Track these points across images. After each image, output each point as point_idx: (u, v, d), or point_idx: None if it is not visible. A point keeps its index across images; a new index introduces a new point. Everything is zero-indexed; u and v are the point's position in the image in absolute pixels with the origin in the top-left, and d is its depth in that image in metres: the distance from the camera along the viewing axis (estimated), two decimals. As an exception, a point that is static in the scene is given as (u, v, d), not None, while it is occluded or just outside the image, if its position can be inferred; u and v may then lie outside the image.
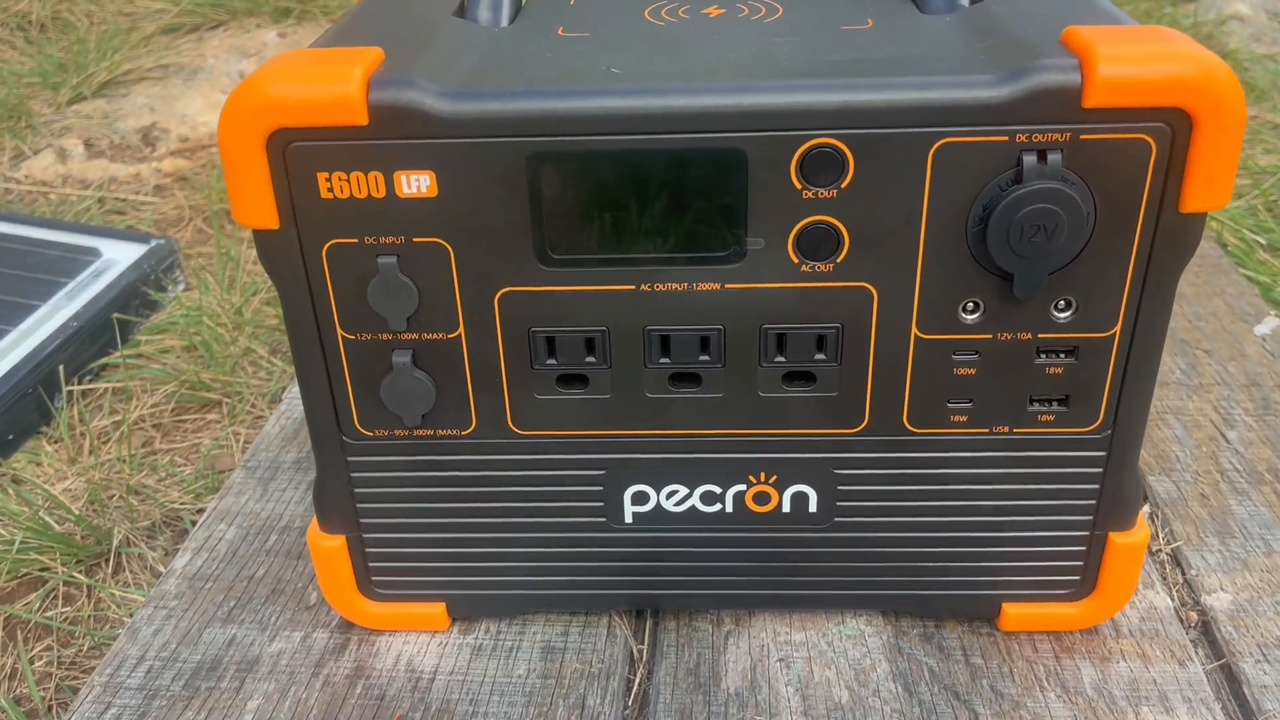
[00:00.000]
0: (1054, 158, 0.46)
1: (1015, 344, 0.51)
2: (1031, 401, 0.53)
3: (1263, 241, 1.11)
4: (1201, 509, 0.70)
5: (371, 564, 0.60)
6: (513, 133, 0.47)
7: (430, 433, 0.55)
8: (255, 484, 0.76)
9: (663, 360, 0.53)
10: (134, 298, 0.99)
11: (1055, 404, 0.53)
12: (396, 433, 0.55)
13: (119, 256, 1.03)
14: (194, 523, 0.79)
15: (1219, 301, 0.95)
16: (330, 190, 0.49)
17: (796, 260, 0.49)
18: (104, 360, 0.95)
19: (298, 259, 0.50)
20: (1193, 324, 0.91)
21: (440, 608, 0.61)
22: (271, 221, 0.49)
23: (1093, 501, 0.56)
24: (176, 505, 0.80)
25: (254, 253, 1.17)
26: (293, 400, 0.86)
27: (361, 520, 0.58)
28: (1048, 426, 0.54)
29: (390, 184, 0.48)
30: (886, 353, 0.52)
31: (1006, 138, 0.46)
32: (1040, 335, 0.51)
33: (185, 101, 1.61)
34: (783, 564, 0.59)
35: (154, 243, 1.05)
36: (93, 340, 0.94)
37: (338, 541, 0.59)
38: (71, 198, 1.32)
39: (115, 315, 0.96)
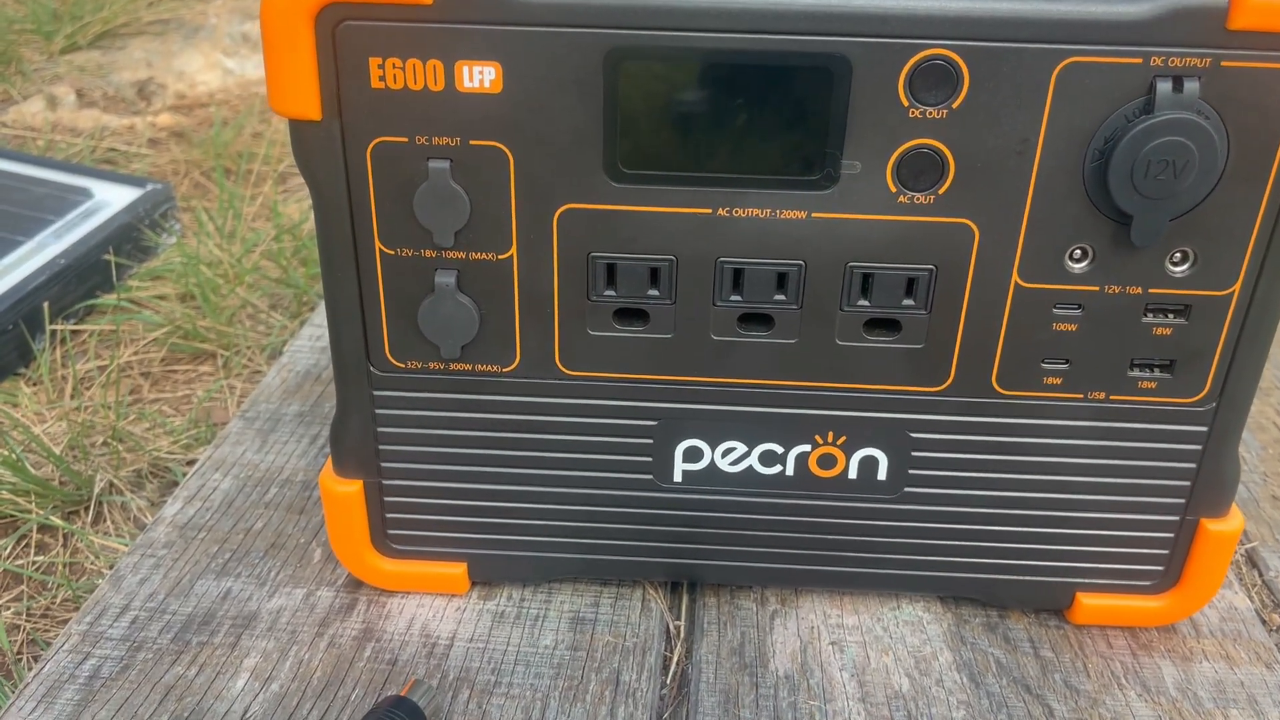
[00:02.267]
0: (1190, 85, 0.42)
1: (1123, 298, 0.47)
2: (1133, 366, 0.49)
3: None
4: (1275, 510, 0.66)
5: (389, 515, 0.55)
6: (592, 23, 0.42)
7: (469, 368, 0.50)
8: (254, 435, 0.71)
9: (734, 298, 0.48)
10: (127, 241, 0.93)
11: (1158, 370, 0.49)
12: (431, 365, 0.50)
13: (112, 198, 0.97)
14: (184, 474, 0.73)
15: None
16: (383, 79, 0.44)
17: (894, 189, 0.45)
18: (92, 302, 0.89)
19: (339, 157, 0.45)
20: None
21: (461, 569, 0.56)
22: (313, 111, 0.44)
23: (1188, 483, 0.52)
24: (165, 456, 0.74)
25: (255, 207, 1.11)
26: (295, 353, 0.81)
27: (383, 465, 0.53)
28: (1148, 395, 0.49)
29: (450, 75, 0.43)
30: (982, 302, 0.47)
31: (1140, 60, 0.42)
32: (1152, 290, 0.47)
33: (184, 59, 1.55)
34: (841, 537, 0.54)
35: (150, 186, 1.00)
36: (81, 281, 0.88)
37: (354, 487, 0.54)
38: (60, 144, 1.26)
39: (106, 257, 0.90)
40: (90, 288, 0.90)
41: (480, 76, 0.43)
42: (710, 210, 0.46)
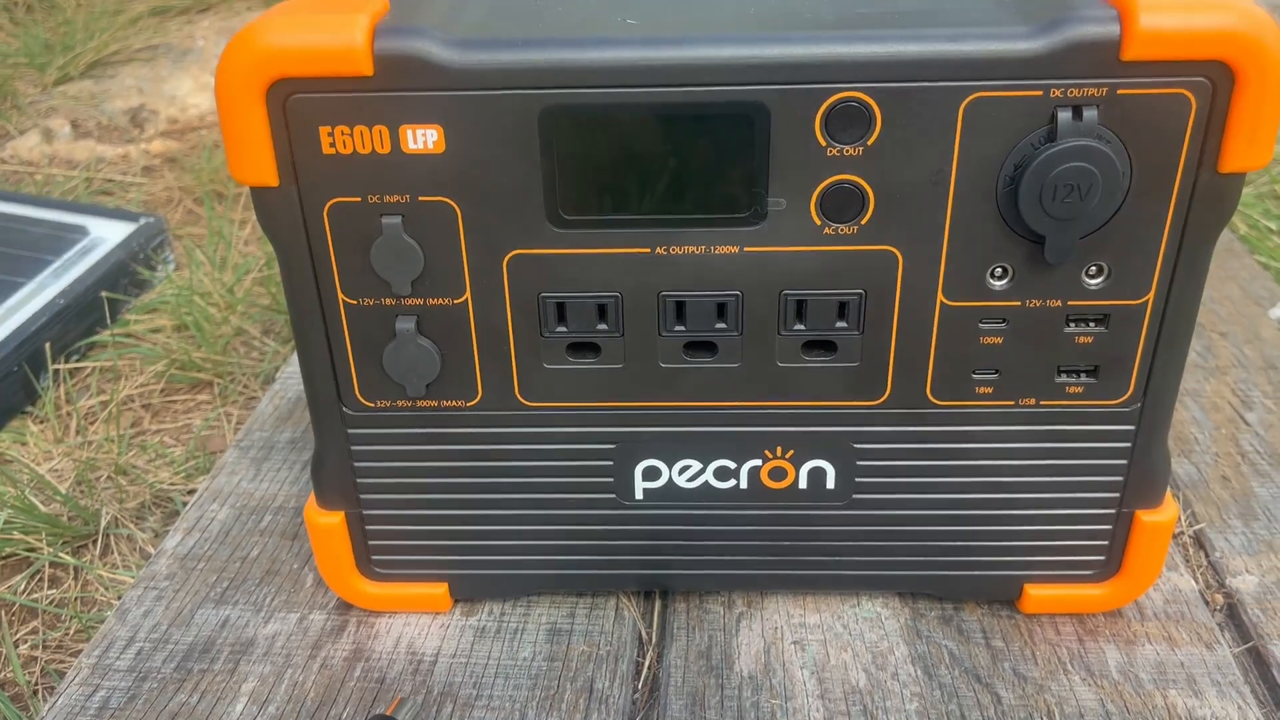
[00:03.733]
0: (1089, 114, 0.44)
1: (1044, 311, 0.50)
2: (1060, 372, 0.52)
3: (1274, 227, 1.10)
4: (1223, 491, 0.69)
5: (371, 542, 0.58)
6: (525, 85, 0.45)
7: (434, 404, 0.53)
8: (248, 463, 0.74)
9: (677, 328, 0.51)
10: (123, 276, 0.97)
11: (1084, 375, 0.52)
12: (399, 403, 0.53)
13: (107, 234, 1.00)
14: (184, 504, 0.77)
15: (1233, 286, 0.94)
16: (333, 145, 0.47)
17: (819, 222, 0.48)
18: (92, 339, 0.93)
19: (298, 218, 0.48)
20: (1208, 307, 0.90)
21: (442, 588, 0.59)
22: (270, 178, 0.47)
23: (1120, 478, 0.54)
24: (166, 486, 0.78)
25: (246, 232, 1.15)
26: (287, 380, 0.84)
27: (361, 496, 0.56)
28: (1076, 399, 0.52)
29: (396, 139, 0.46)
30: (911, 320, 0.50)
31: (1041, 92, 0.44)
32: (1070, 303, 0.49)
33: (174, 83, 1.58)
34: (798, 543, 0.57)
35: (143, 221, 1.03)
36: (80, 319, 0.91)
37: (336, 518, 0.57)
38: (57, 178, 1.29)
39: (104, 293, 0.94)
40: (90, 324, 0.93)
41: (423, 138, 0.46)
42: (649, 249, 0.49)
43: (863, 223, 0.48)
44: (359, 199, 0.48)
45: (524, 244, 0.49)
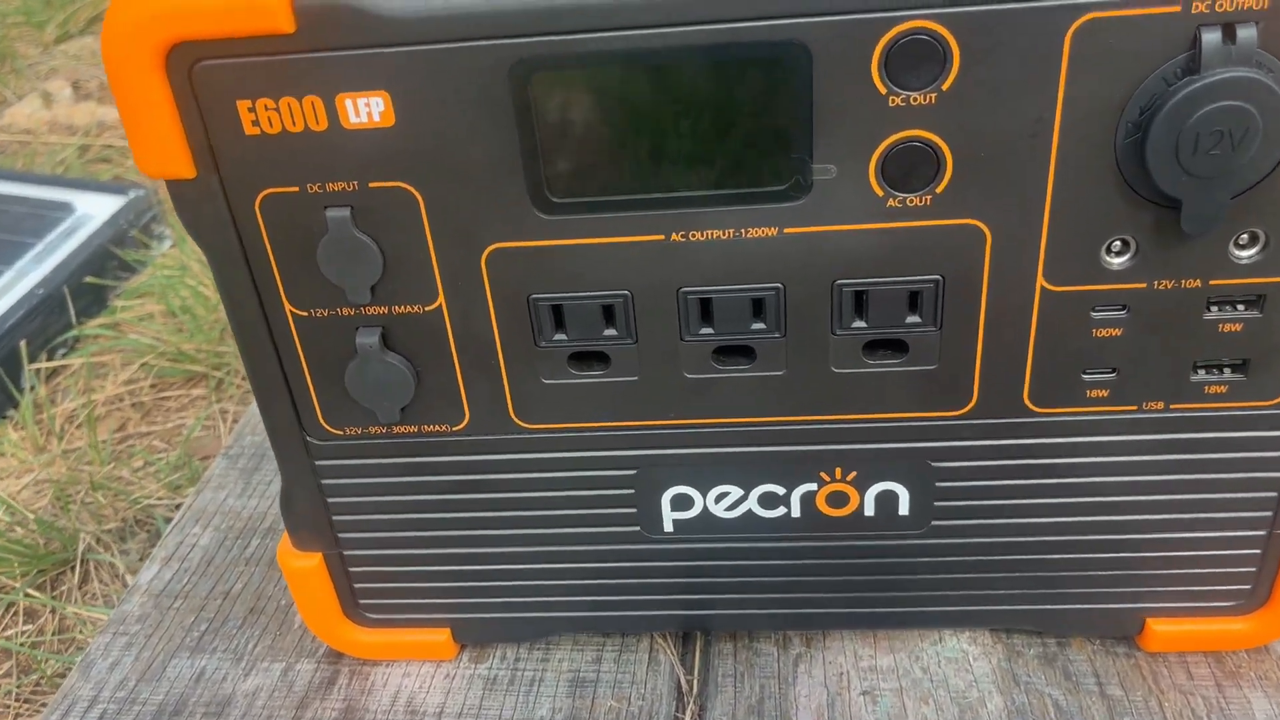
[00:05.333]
0: (1246, 34, 0.33)
1: (1178, 294, 0.39)
2: (1196, 369, 0.41)
3: None
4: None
5: (357, 585, 0.50)
6: (489, 33, 0.36)
7: (413, 429, 0.45)
8: (236, 476, 0.67)
9: (703, 331, 0.41)
10: (110, 258, 0.90)
11: (1228, 371, 0.41)
12: (372, 430, 0.45)
13: (93, 211, 0.93)
14: (169, 521, 0.70)
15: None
16: (256, 124, 0.38)
17: (881, 192, 0.38)
18: (77, 332, 0.86)
19: (225, 216, 0.40)
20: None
21: (444, 634, 0.51)
22: (185, 169, 0.39)
23: (1273, 494, 0.44)
24: (152, 502, 0.71)
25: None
26: (283, 372, 0.77)
27: (340, 535, 0.49)
28: (1217, 400, 0.42)
29: (333, 112, 0.37)
30: (1003, 312, 0.40)
31: (1179, 7, 0.33)
32: (1213, 282, 0.39)
33: (181, 34, 1.50)
34: (866, 577, 0.48)
35: (132, 194, 0.96)
36: (63, 309, 0.85)
37: (314, 560, 0.49)
38: (54, 146, 1.23)
39: (88, 279, 0.87)
40: (75, 314, 0.87)
41: (367, 109, 0.37)
42: (663, 236, 0.39)
43: (938, 191, 0.37)
44: (296, 189, 0.39)
45: (504, 236, 0.40)
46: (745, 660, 0.51)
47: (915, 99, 0.36)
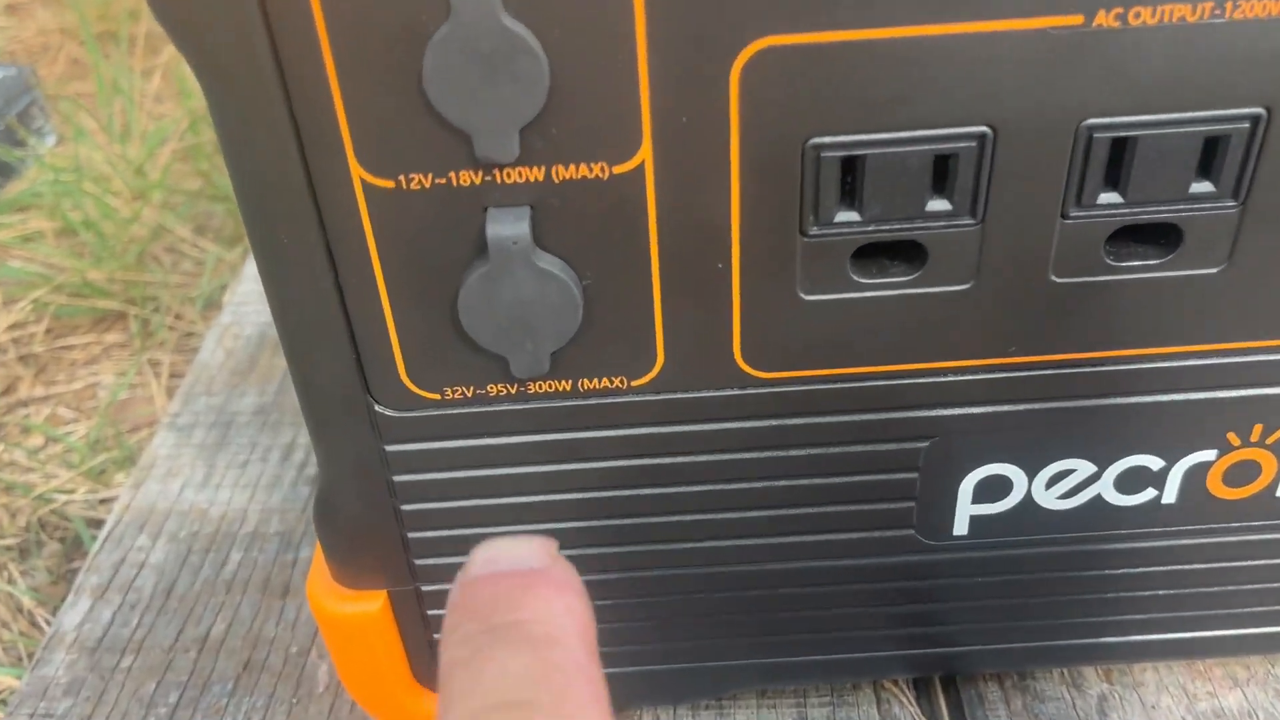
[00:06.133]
0: None
1: None
2: None
3: None
4: None
5: (438, 635, 0.32)
6: None
7: (563, 387, 0.27)
8: (193, 455, 0.48)
9: (1106, 198, 0.24)
10: (-26, 159, 0.67)
11: None
12: (491, 392, 0.27)
13: (-54, 97, 0.70)
14: (95, 525, 0.50)
15: None
16: None
17: None
18: (-66, 259, 0.64)
19: (253, 11, 0.20)
20: None
21: (571, 698, 0.33)
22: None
23: None
24: (63, 501, 0.51)
25: (155, 84, 0.84)
26: (241, 305, 0.57)
27: (418, 563, 0.30)
28: None
29: None
30: None
31: None
32: None
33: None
34: (1246, 587, 0.32)
35: (2, 74, 0.73)
36: (-89, 228, 0.62)
37: (372, 604, 0.31)
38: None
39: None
40: (-71, 236, 0.64)
41: None
42: (1080, 19, 0.21)
43: None
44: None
45: (783, 23, 0.21)
46: (1023, 708, 0.35)
47: None
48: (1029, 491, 0.30)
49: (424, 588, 0.31)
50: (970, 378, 0.27)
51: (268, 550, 0.43)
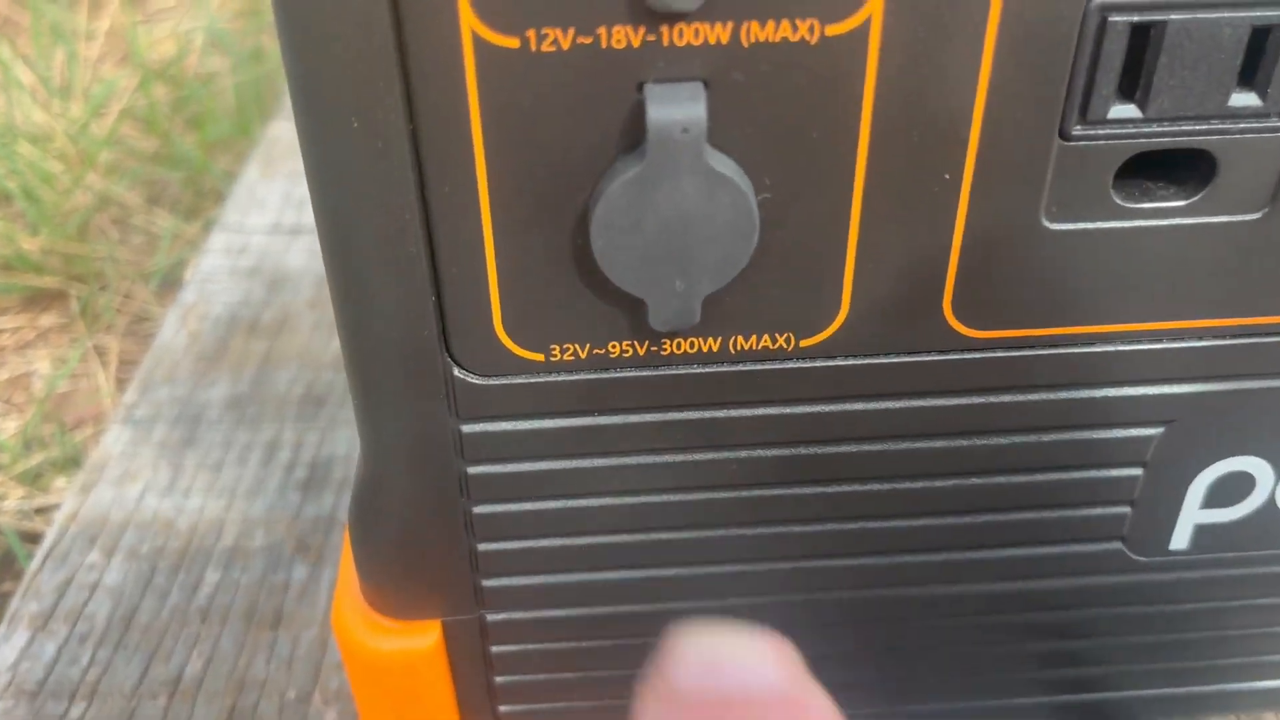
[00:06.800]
0: None
1: None
2: None
3: None
4: None
5: (502, 676, 0.25)
6: None
7: (711, 345, 0.20)
8: (153, 455, 0.40)
9: None
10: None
11: None
12: (613, 351, 0.20)
13: None
14: (30, 539, 0.42)
15: None
16: None
17: None
18: None
19: None
20: None
21: (660, 756, 0.27)
22: None
23: None
24: (-6, 501, 0.43)
25: (103, 27, 0.76)
26: (205, 282, 0.49)
27: (486, 584, 0.23)
28: None
29: None
30: None
31: None
32: None
33: None
34: None
35: (-82, 23, 0.64)
36: None
37: (426, 639, 0.24)
38: None
39: None
40: None
41: None
42: None
43: None
44: None
45: None
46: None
47: None
48: (1273, 493, 0.24)
49: (490, 616, 0.24)
50: (1234, 341, 0.21)
51: (252, 570, 0.35)
